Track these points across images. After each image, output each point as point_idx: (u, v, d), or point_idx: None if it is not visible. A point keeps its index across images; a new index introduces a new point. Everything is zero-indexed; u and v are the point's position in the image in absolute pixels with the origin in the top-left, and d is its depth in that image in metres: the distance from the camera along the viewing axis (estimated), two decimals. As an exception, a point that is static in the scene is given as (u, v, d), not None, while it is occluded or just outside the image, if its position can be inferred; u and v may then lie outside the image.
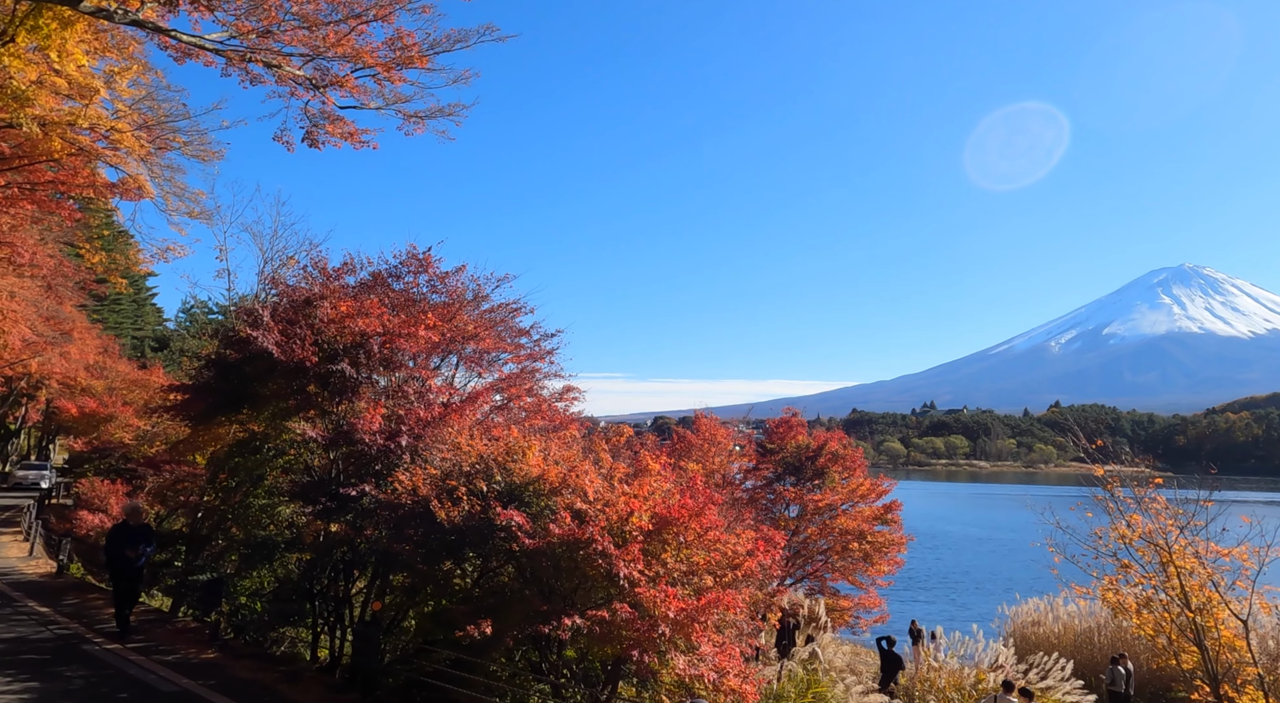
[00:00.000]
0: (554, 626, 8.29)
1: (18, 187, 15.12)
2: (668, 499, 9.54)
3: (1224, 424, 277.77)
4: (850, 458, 21.24)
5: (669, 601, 8.46)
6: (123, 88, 12.14)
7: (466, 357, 14.42)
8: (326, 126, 10.36)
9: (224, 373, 13.86)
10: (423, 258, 14.28)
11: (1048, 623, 23.99)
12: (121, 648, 10.57)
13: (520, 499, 9.76)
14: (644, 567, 8.79)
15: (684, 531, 9.37)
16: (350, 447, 12.23)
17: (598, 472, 10.02)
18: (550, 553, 8.86)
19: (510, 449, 10.25)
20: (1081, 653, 21.98)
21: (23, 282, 24.13)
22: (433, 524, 9.54)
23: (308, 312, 13.14)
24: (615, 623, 8.36)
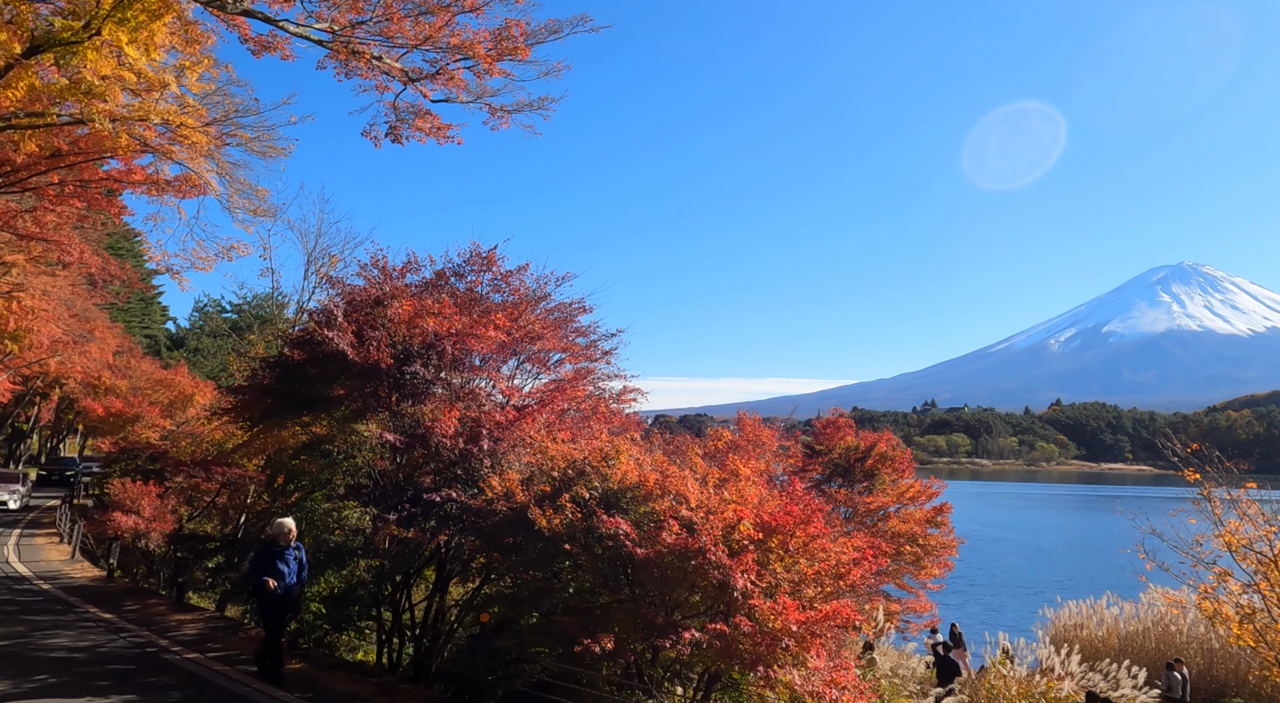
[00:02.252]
0: (674, 640, 8.02)
1: (73, 184, 14.83)
2: (771, 506, 9.29)
3: (1225, 422, 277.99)
4: (899, 459, 20.99)
5: (788, 613, 8.19)
6: (193, 82, 11.81)
7: (533, 357, 14.12)
8: (415, 121, 10.08)
9: (288, 374, 13.57)
10: (486, 256, 14.00)
11: (1091, 626, 23.70)
12: (203, 658, 10.30)
13: (617, 506, 9.49)
14: (755, 577, 8.53)
15: (789, 539, 9.12)
16: (425, 450, 11.98)
17: (693, 477, 9.75)
18: (660, 563, 8.59)
19: (605, 454, 9.97)
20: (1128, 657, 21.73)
21: (54, 280, 23.84)
22: (531, 532, 9.27)
23: (376, 311, 12.86)
24: (735, 637, 8.09)
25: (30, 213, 16.51)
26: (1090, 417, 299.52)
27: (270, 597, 9.14)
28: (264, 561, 9.32)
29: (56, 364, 32.93)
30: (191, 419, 31.62)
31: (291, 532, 9.48)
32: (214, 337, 49.90)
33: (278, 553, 9.36)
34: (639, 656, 8.69)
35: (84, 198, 15.44)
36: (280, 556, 9.35)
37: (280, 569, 9.22)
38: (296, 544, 9.58)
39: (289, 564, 9.39)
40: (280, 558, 9.32)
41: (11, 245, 20.23)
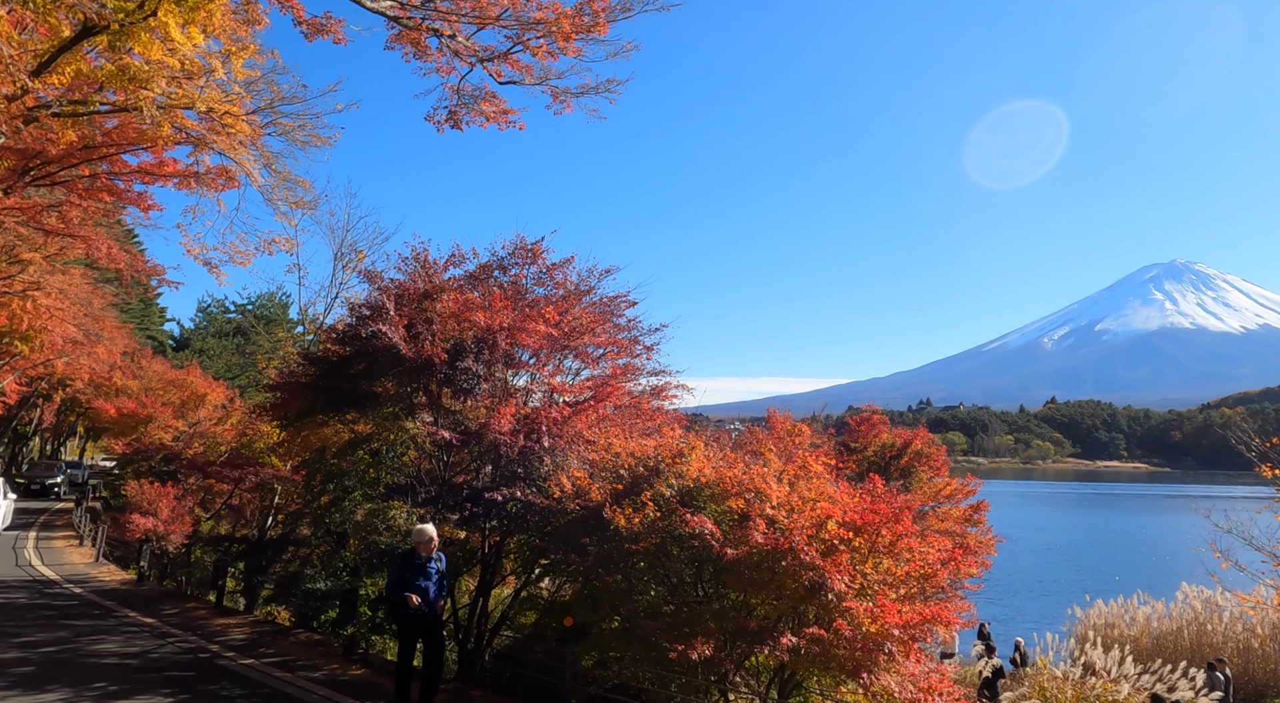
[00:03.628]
0: (771, 646, 7.68)
1: (104, 177, 14.43)
2: (856, 503, 8.97)
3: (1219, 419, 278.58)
4: (934, 456, 20.69)
5: (887, 615, 7.85)
6: (238, 69, 11.42)
7: (581, 353, 13.77)
8: (481, 104, 9.72)
9: (331, 370, 13.21)
10: (531, 248, 13.65)
11: (1122, 625, 23.40)
12: (260, 664, 9.92)
13: (693, 505, 9.16)
14: (849, 579, 8.20)
15: (876, 538, 8.79)
16: (479, 447, 11.63)
17: (771, 474, 9.41)
18: (749, 564, 8.25)
19: (678, 450, 9.64)
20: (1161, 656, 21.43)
21: (69, 278, 23.42)
22: (607, 532, 8.93)
23: (424, 305, 12.51)
24: (835, 642, 7.76)
25: (56, 208, 16.09)
26: (1085, 415, 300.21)
27: (411, 616, 8.01)
28: (403, 573, 8.12)
29: (63, 365, 32.46)
30: (204, 420, 31.21)
31: (434, 540, 8.34)
32: (219, 337, 49.39)
33: (419, 566, 8.15)
34: (735, 662, 8.33)
35: (114, 192, 15.04)
36: (422, 568, 8.15)
37: (422, 585, 8.09)
38: (438, 554, 8.40)
39: (431, 578, 8.22)
40: (422, 571, 8.14)
41: (30, 243, 19.81)
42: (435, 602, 8.24)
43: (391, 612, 8.33)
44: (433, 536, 8.33)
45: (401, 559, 8.28)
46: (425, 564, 8.19)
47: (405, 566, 8.16)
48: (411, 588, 7.99)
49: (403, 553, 8.44)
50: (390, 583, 8.17)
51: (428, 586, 8.14)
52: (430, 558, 8.26)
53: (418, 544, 8.25)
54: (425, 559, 8.21)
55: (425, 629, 8.22)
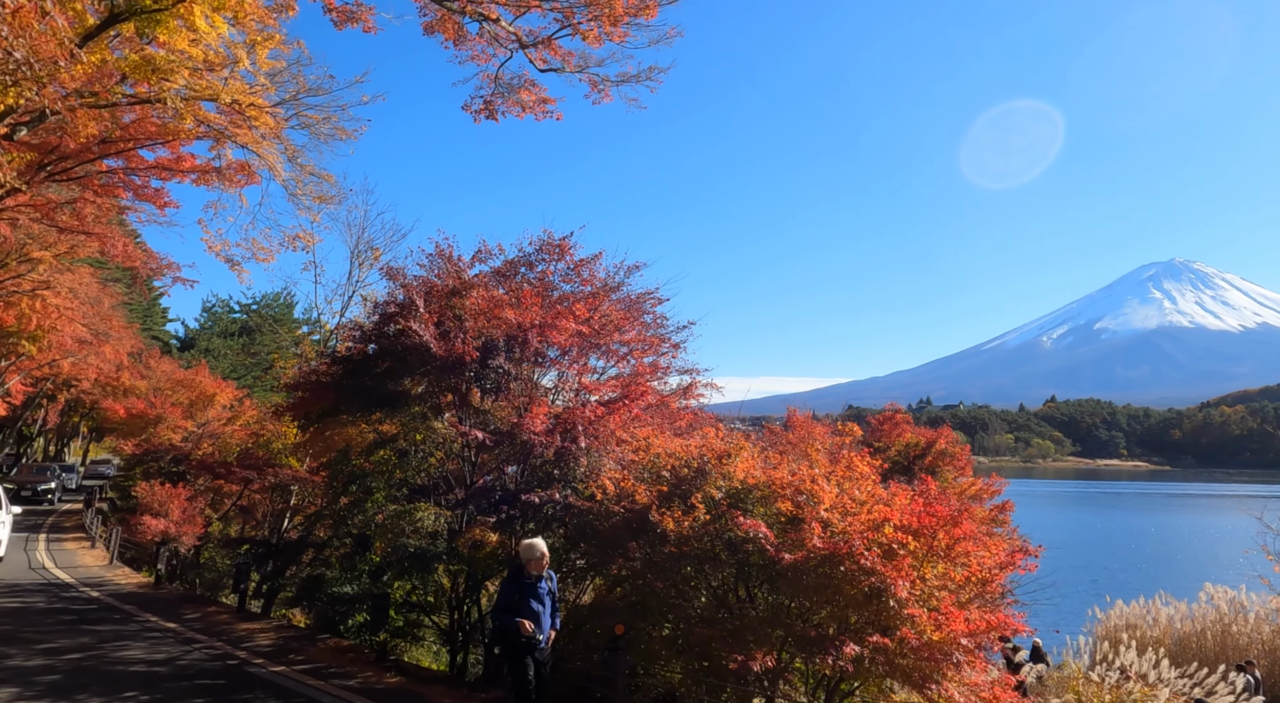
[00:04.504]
0: (835, 656, 7.38)
1: (121, 172, 14.13)
2: (914, 505, 8.68)
3: (1219, 418, 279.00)
4: (958, 456, 20.42)
5: (953, 623, 7.56)
6: (262, 59, 11.15)
7: (611, 350, 13.48)
8: (519, 93, 9.42)
9: (356, 369, 12.91)
10: (559, 244, 13.36)
11: (1144, 626, 23.10)
12: (291, 671, 9.62)
13: (741, 507, 8.86)
14: (910, 585, 7.91)
15: (932, 541, 8.50)
16: (512, 448, 11.33)
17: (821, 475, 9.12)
18: (806, 568, 7.96)
19: (724, 451, 9.34)
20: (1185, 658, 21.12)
21: (80, 277, 23.13)
22: (654, 535, 8.64)
23: (453, 302, 12.21)
24: (900, 651, 7.47)
25: (70, 204, 15.79)
26: (1085, 413, 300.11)
27: (523, 645, 7.04)
28: (511, 595, 7.18)
29: (69, 365, 32.16)
30: (213, 420, 30.89)
31: (545, 557, 7.35)
32: (224, 337, 49.06)
33: (529, 586, 7.21)
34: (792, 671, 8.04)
35: (130, 188, 14.74)
36: (532, 589, 7.21)
37: (534, 608, 7.16)
38: (549, 572, 7.43)
39: (543, 600, 7.24)
40: (532, 592, 7.19)
41: (41, 241, 19.52)
42: (549, 628, 7.32)
43: (499, 639, 7.32)
44: (544, 552, 7.34)
45: (508, 580, 7.34)
46: (536, 584, 7.24)
47: (513, 586, 7.20)
48: (523, 612, 7.07)
49: (512, 572, 7.44)
50: (497, 606, 7.26)
51: (540, 609, 7.20)
52: (541, 577, 7.30)
53: (527, 561, 7.27)
54: (535, 579, 7.25)
55: (539, 659, 7.21)
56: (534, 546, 7.31)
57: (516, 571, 7.33)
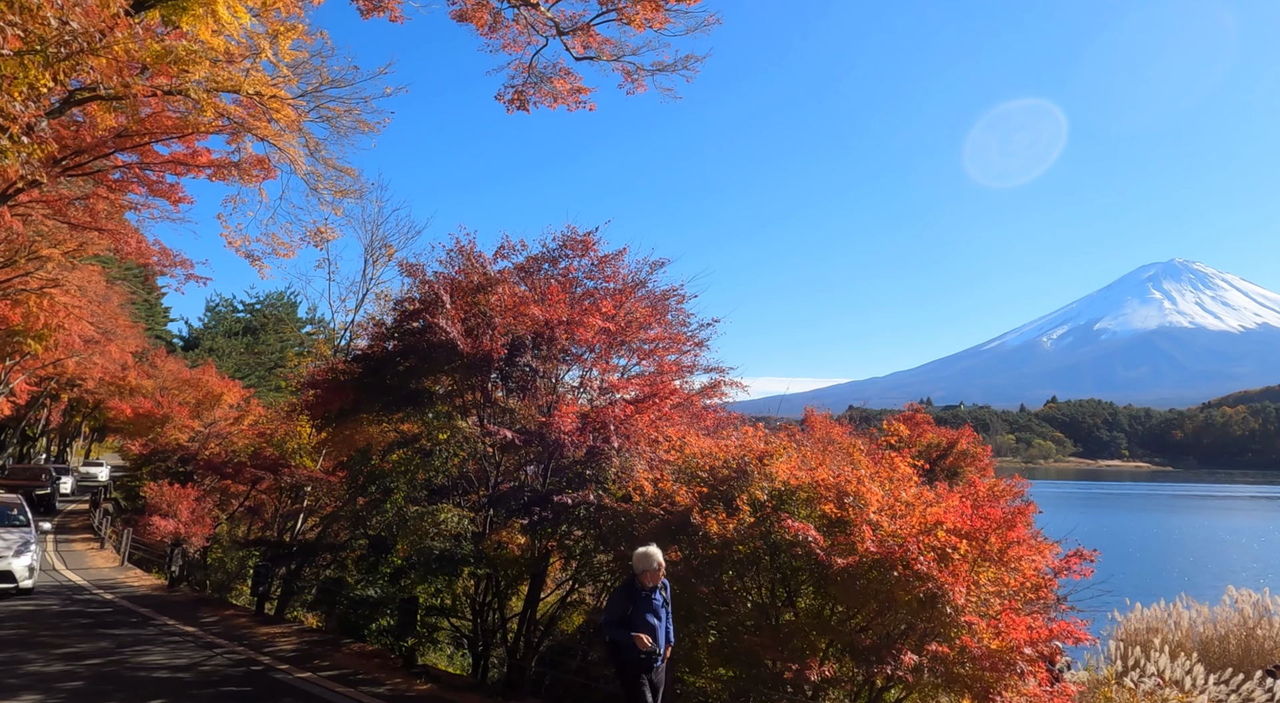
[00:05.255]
0: (892, 665, 7.11)
1: (136, 167, 13.86)
2: (961, 508, 8.41)
3: (1220, 418, 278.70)
4: (980, 456, 20.14)
5: (1013, 631, 7.29)
6: (284, 50, 10.86)
7: (638, 348, 13.20)
8: (554, 82, 9.15)
9: (378, 367, 12.64)
10: (583, 240, 13.09)
11: (1165, 630, 22.77)
12: (317, 678, 9.35)
13: (785, 509, 8.59)
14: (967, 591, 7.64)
15: (984, 545, 8.23)
16: (541, 448, 11.05)
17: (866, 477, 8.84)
18: (858, 574, 7.68)
19: (766, 451, 9.06)
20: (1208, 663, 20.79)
21: (89, 275, 22.86)
22: (695, 537, 8.38)
23: (478, 299, 11.94)
24: (957, 660, 7.19)
25: (83, 200, 15.52)
26: (1086, 414, 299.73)
27: (639, 662, 6.38)
28: (624, 607, 6.54)
29: (75, 365, 31.88)
30: (219, 420, 30.63)
31: (661, 567, 6.68)
32: (228, 337, 48.79)
33: (644, 598, 6.56)
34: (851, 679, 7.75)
35: (145, 184, 14.46)
36: (648, 601, 6.56)
37: (650, 621, 6.49)
38: (663, 582, 6.79)
39: (659, 613, 6.59)
40: (648, 605, 6.54)
41: (50, 238, 19.24)
42: (666, 643, 6.70)
43: (612, 655, 6.68)
44: (660, 562, 6.66)
45: (621, 591, 6.72)
46: (651, 596, 6.59)
47: (626, 598, 6.58)
48: (639, 625, 6.41)
49: (624, 585, 6.77)
50: (609, 620, 6.59)
51: (656, 623, 6.53)
52: (656, 588, 6.65)
53: (642, 572, 6.60)
54: (650, 590, 6.62)
55: (655, 678, 6.51)
56: (650, 555, 6.64)
57: (629, 581, 6.69)
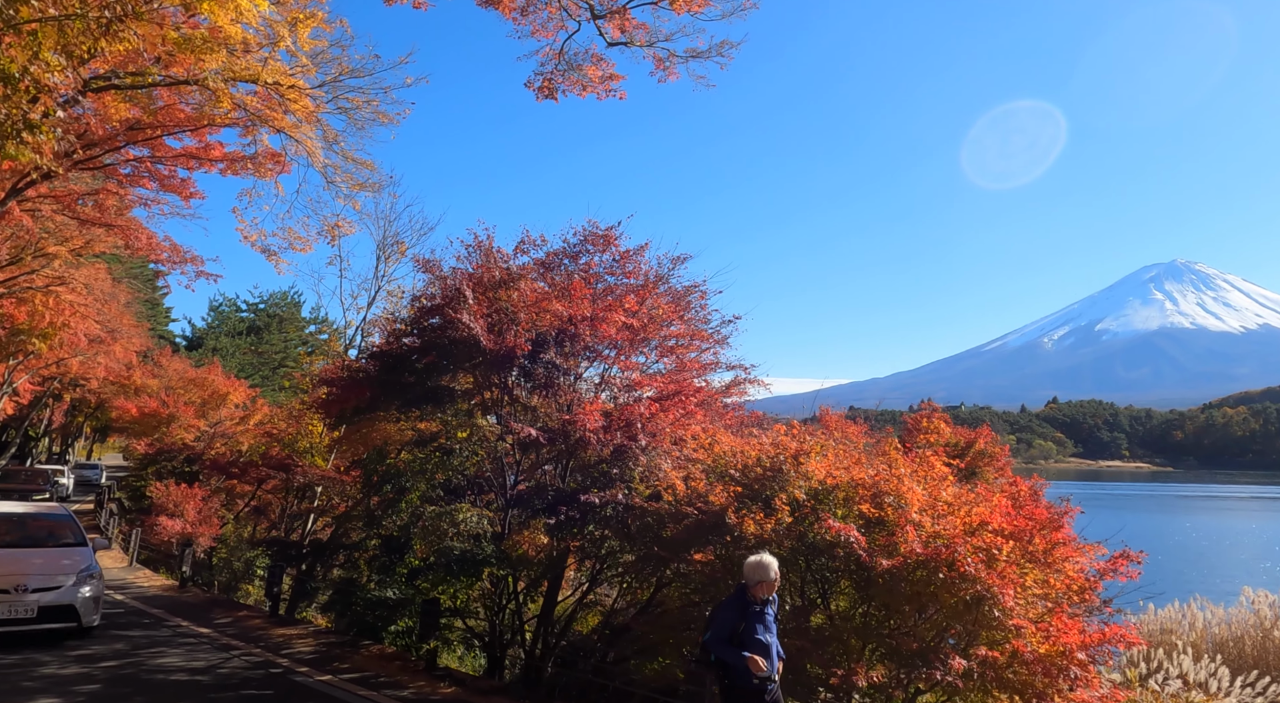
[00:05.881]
0: (942, 670, 6.88)
1: (148, 161, 13.63)
2: (1004, 507, 8.19)
3: (1221, 419, 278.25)
4: (998, 456, 19.90)
5: (1066, 634, 7.06)
6: (303, 38, 10.64)
7: (661, 345, 12.97)
8: (585, 69, 8.92)
9: (394, 364, 12.41)
10: (604, 235, 12.87)
11: (1180, 631, 22.52)
12: (338, 680, 9.11)
13: (825, 509, 8.36)
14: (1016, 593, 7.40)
15: (1027, 545, 8.01)
16: (565, 446, 10.83)
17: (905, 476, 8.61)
18: (903, 576, 7.45)
19: (800, 449, 8.83)
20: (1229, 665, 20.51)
21: (96, 273, 22.64)
22: (732, 539, 8.14)
23: (499, 294, 11.71)
24: (1009, 665, 6.95)
25: (93, 195, 15.29)
26: (1087, 414, 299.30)
27: (753, 687, 5.65)
28: (735, 622, 5.78)
29: (78, 364, 31.65)
30: (225, 419, 30.41)
31: (777, 578, 5.97)
32: (232, 336, 48.57)
33: (756, 611, 5.84)
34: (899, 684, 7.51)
35: (156, 178, 14.23)
36: (760, 615, 5.85)
37: (763, 639, 5.77)
38: (773, 596, 6.05)
39: (770, 628, 5.89)
40: (760, 619, 5.83)
41: (57, 235, 19.02)
42: (779, 659, 5.98)
43: (719, 677, 5.89)
44: (775, 574, 5.94)
45: (730, 605, 5.90)
46: (764, 610, 5.89)
47: (737, 613, 5.80)
48: (750, 644, 5.69)
49: (731, 596, 6.02)
50: (716, 637, 5.76)
51: (769, 640, 5.83)
52: (768, 601, 5.96)
53: (756, 583, 5.86)
54: (764, 603, 5.91)
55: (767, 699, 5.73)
56: (766, 564, 5.90)
57: (738, 593, 5.94)
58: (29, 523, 11.12)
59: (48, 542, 10.71)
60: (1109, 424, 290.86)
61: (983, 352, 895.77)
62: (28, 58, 5.12)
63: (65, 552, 10.43)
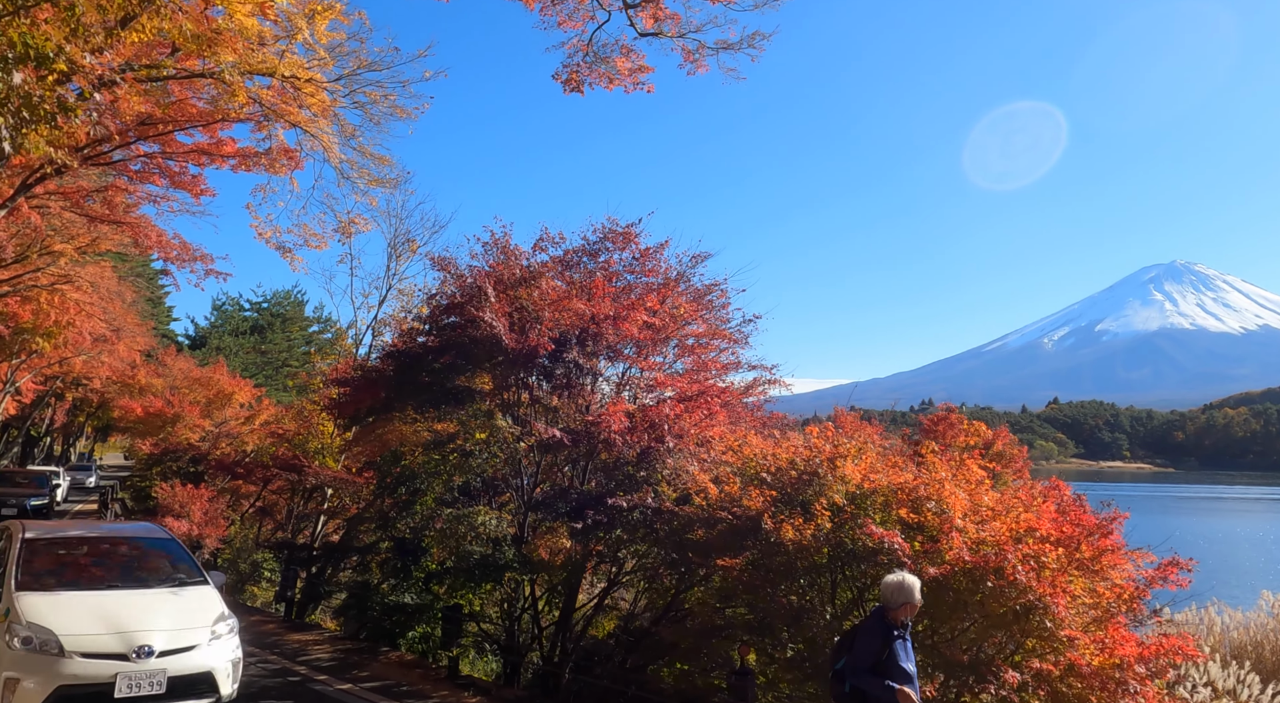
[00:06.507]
0: (995, 683, 6.61)
1: (159, 157, 13.37)
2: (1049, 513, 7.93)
3: (1222, 420, 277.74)
4: (1016, 458, 19.66)
5: (1122, 646, 6.80)
6: (320, 31, 10.37)
7: (683, 345, 12.73)
8: (614, 61, 8.66)
9: (411, 364, 12.16)
10: (624, 232, 12.63)
11: (1198, 636, 22.21)
12: (358, 688, 8.86)
13: (865, 514, 8.10)
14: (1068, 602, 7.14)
15: (1074, 552, 7.75)
16: (588, 446, 10.56)
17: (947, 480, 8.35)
18: (949, 585, 7.19)
19: (837, 452, 8.57)
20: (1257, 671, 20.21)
21: (102, 271, 22.39)
22: (768, 544, 7.88)
23: (517, 293, 11.45)
24: (1063, 678, 6.69)
25: (101, 192, 15.03)
26: (1088, 415, 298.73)
27: None
28: (879, 650, 5.23)
29: (82, 363, 31.40)
30: (230, 419, 30.16)
31: (920, 601, 5.44)
32: (235, 335, 48.34)
33: (898, 637, 5.29)
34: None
35: (167, 174, 13.98)
36: (902, 641, 5.31)
37: (906, 668, 5.23)
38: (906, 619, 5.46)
39: (910, 656, 5.35)
40: (903, 646, 5.30)
41: (63, 233, 18.76)
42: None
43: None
44: (918, 597, 5.39)
45: (873, 629, 5.31)
46: (905, 635, 5.36)
47: (880, 639, 5.24)
48: (894, 673, 5.16)
49: (872, 620, 5.40)
50: (859, 666, 5.21)
51: (913, 669, 5.31)
52: (908, 625, 5.46)
53: (899, 606, 5.31)
54: (905, 627, 5.38)
55: None
56: (910, 586, 5.33)
57: (878, 618, 5.36)
58: (124, 551, 8.14)
59: (154, 577, 7.72)
60: (1110, 425, 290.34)
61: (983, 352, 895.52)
62: (63, 35, 4.86)
63: (185, 593, 7.46)
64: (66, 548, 7.86)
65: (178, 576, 7.78)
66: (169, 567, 7.94)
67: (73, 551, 7.86)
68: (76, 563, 7.66)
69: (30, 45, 4.55)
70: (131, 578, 7.57)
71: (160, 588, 7.47)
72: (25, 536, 7.59)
